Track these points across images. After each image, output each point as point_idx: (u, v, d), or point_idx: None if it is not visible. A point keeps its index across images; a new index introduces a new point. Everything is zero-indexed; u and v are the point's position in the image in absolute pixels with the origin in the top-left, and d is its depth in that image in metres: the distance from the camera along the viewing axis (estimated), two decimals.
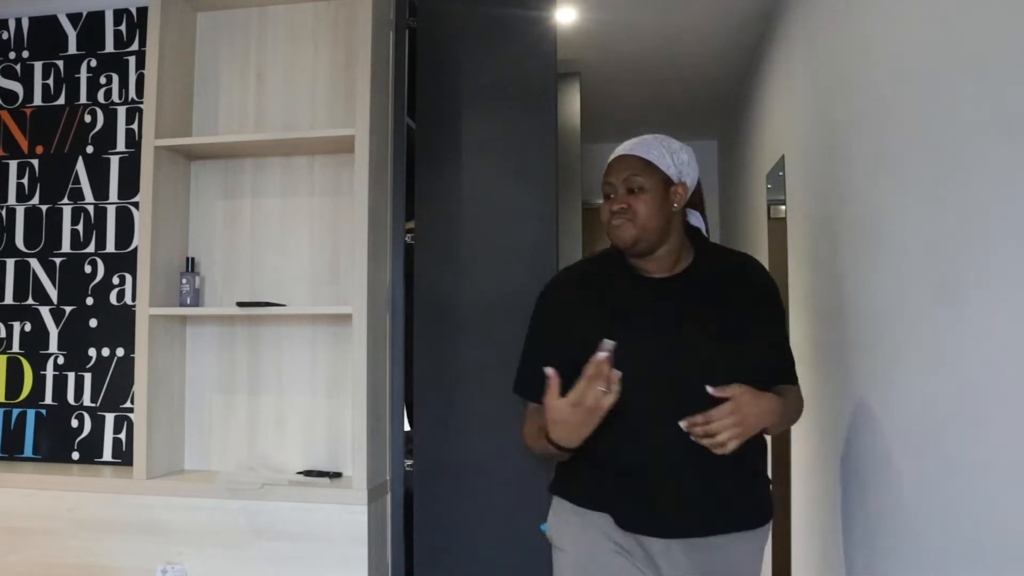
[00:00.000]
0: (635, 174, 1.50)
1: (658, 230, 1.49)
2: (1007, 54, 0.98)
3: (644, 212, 1.48)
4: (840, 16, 1.84)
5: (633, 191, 1.49)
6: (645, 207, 1.48)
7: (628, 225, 1.48)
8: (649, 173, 1.49)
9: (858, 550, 1.66)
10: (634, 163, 1.51)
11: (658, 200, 1.48)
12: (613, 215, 1.51)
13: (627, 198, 1.49)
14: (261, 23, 2.25)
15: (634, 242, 1.48)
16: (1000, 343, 1.00)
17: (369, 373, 1.98)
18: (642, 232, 1.48)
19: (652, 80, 3.44)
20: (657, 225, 1.48)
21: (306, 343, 2.15)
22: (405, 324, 2.13)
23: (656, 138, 1.54)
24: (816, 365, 2.11)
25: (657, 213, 1.48)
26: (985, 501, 1.04)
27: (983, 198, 1.05)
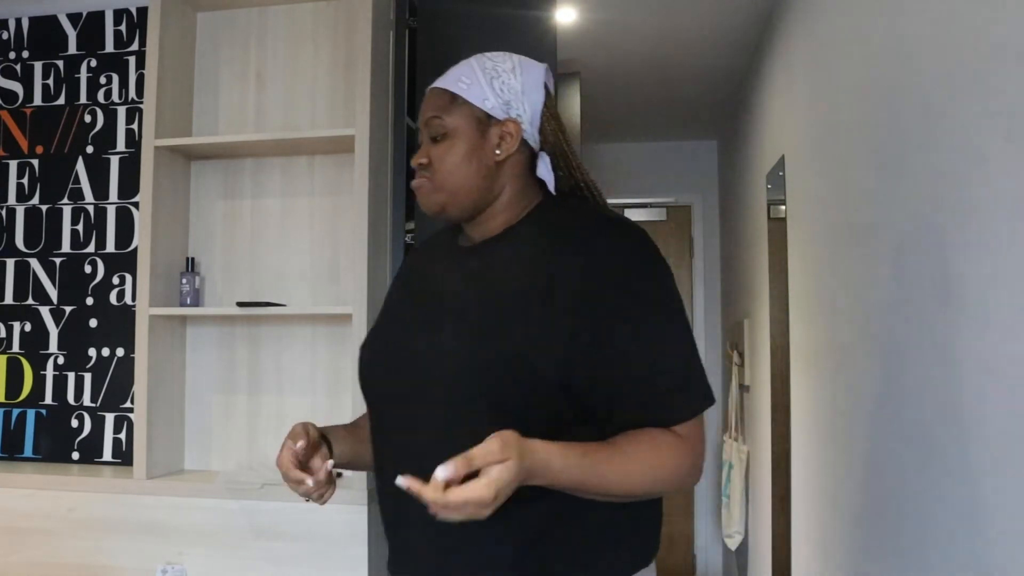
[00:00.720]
0: (436, 115, 1.11)
1: (471, 190, 1.09)
2: (1007, 54, 0.98)
3: (444, 167, 1.09)
4: (840, 16, 1.84)
5: (436, 139, 1.10)
6: (446, 160, 1.09)
7: (427, 186, 1.11)
8: (455, 111, 1.09)
9: (859, 550, 1.66)
10: (437, 99, 1.11)
11: (467, 148, 1.09)
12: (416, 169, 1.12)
13: (428, 149, 1.11)
14: (261, 23, 2.24)
15: (440, 208, 1.11)
16: (1000, 343, 1.00)
17: None
18: (447, 195, 1.10)
19: (652, 80, 3.44)
20: (466, 183, 1.09)
21: (306, 343, 2.15)
22: None
23: (476, 59, 1.13)
24: (816, 365, 2.11)
25: (464, 166, 1.09)
26: (985, 501, 1.04)
27: (983, 198, 1.05)
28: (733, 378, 3.52)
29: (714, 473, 4.29)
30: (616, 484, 0.97)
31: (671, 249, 4.48)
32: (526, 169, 1.13)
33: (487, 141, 1.10)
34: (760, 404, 2.93)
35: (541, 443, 0.91)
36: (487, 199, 1.11)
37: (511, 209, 1.12)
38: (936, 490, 1.21)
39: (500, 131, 1.10)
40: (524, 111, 1.11)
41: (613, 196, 4.47)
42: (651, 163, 4.49)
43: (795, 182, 2.40)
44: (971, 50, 1.09)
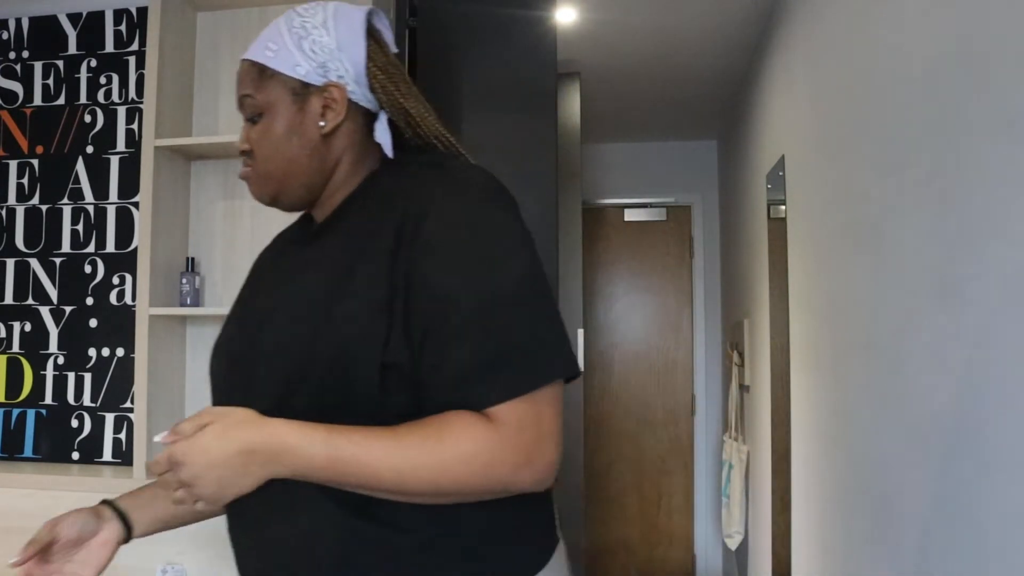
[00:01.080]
0: (247, 93, 0.96)
1: (299, 172, 0.95)
2: (1007, 54, 0.98)
3: (264, 151, 0.95)
4: (840, 16, 1.84)
5: (253, 120, 0.96)
6: (265, 143, 0.95)
7: (252, 175, 0.97)
8: (267, 86, 0.94)
9: (859, 551, 1.66)
10: (248, 74, 0.97)
11: (286, 126, 0.94)
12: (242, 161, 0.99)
13: (247, 132, 0.97)
14: (261, 23, 2.24)
15: (272, 198, 0.98)
16: (1000, 343, 1.00)
17: None
18: (276, 183, 0.96)
19: (652, 80, 3.44)
20: (292, 166, 0.94)
21: None
22: None
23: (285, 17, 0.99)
24: (816, 365, 2.11)
25: (286, 147, 0.94)
26: (986, 501, 1.04)
27: (983, 198, 1.05)
28: (733, 378, 3.52)
29: (714, 473, 4.29)
30: (390, 479, 0.79)
31: (671, 249, 4.48)
32: (364, 135, 0.98)
33: (308, 114, 0.94)
34: (760, 404, 2.93)
35: (282, 420, 0.82)
36: (321, 178, 0.96)
37: (350, 183, 0.98)
38: (936, 490, 1.21)
39: (321, 99, 0.94)
40: (346, 70, 0.94)
41: (613, 196, 4.48)
42: (651, 163, 4.49)
43: (795, 182, 2.40)
44: (971, 50, 1.09)
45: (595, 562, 4.32)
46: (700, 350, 4.40)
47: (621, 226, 4.52)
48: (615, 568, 4.35)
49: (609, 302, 4.47)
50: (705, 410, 4.37)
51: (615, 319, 4.46)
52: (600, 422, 4.39)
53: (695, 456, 4.36)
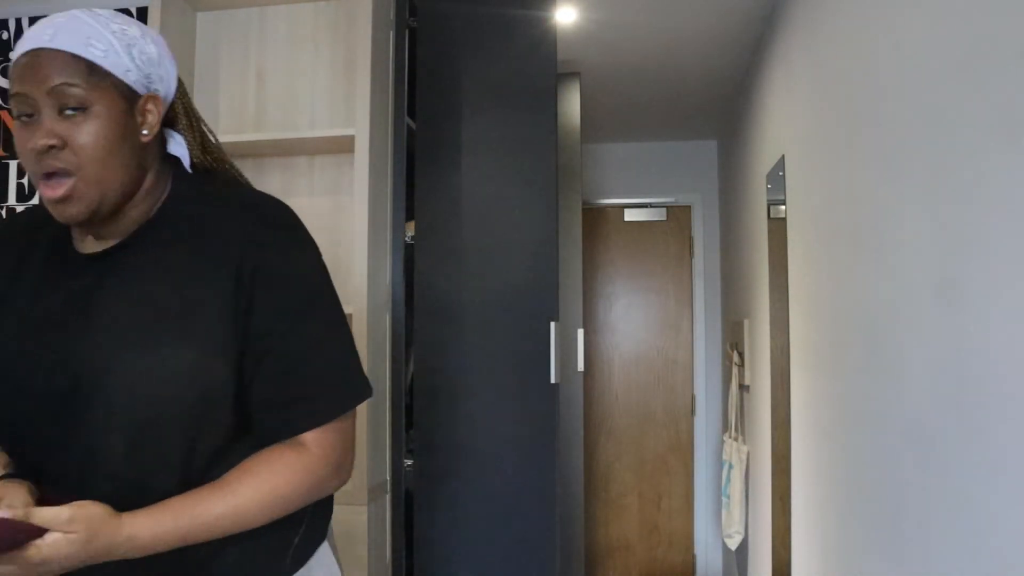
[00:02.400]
0: (70, 82, 0.86)
1: (123, 183, 0.91)
2: (1007, 54, 0.98)
3: (93, 155, 0.87)
4: (840, 16, 1.84)
5: (74, 111, 0.87)
6: (94, 138, 0.87)
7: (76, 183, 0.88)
8: (97, 84, 0.88)
9: (859, 550, 1.67)
10: (66, 64, 0.87)
11: (118, 131, 0.89)
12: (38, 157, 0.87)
13: (56, 125, 0.87)
14: (261, 23, 2.25)
15: (91, 211, 0.90)
16: (1000, 343, 1.00)
17: (369, 372, 1.97)
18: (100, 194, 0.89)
19: (652, 80, 3.44)
20: (119, 176, 0.90)
21: None
22: (405, 324, 2.13)
23: (91, 16, 0.90)
24: (815, 365, 2.11)
25: (117, 153, 0.89)
26: (986, 501, 1.04)
27: (983, 197, 1.05)
28: (733, 378, 3.52)
29: (714, 473, 4.29)
30: (232, 525, 0.91)
31: (671, 249, 4.48)
32: (160, 150, 0.98)
33: (133, 121, 0.92)
34: (760, 404, 2.93)
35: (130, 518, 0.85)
36: (132, 190, 0.93)
37: (148, 199, 0.96)
38: (936, 490, 1.21)
39: (143, 108, 0.93)
40: (161, 84, 0.96)
41: (613, 196, 4.48)
42: (651, 163, 4.49)
43: (795, 182, 2.40)
44: (971, 50, 1.09)
45: (595, 562, 4.33)
46: (700, 350, 4.40)
47: (621, 226, 4.52)
48: (615, 568, 4.35)
49: (609, 302, 4.47)
50: (705, 410, 4.37)
51: (615, 319, 4.46)
52: (600, 422, 4.39)
53: (695, 456, 4.36)
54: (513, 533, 2.03)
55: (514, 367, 2.02)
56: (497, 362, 2.00)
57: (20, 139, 0.89)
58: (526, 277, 2.04)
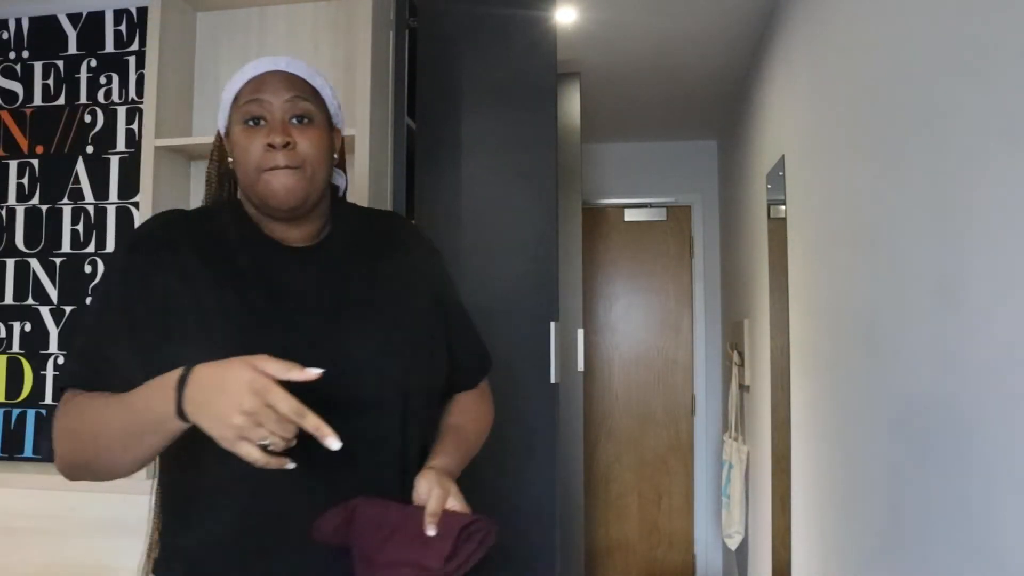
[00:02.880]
0: (303, 96, 1.07)
1: (324, 184, 1.09)
2: (1007, 54, 0.98)
3: (315, 154, 1.06)
4: (840, 16, 1.84)
5: (302, 121, 1.06)
6: (316, 148, 1.06)
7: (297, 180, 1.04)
8: (317, 104, 1.09)
9: (859, 550, 1.67)
10: (298, 84, 1.08)
11: (328, 144, 1.09)
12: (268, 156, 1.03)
13: (293, 130, 1.05)
14: (261, 23, 2.25)
15: (302, 201, 1.05)
16: (1000, 343, 1.00)
17: None
18: (313, 188, 1.06)
19: (652, 80, 3.44)
20: (324, 176, 1.09)
21: None
22: None
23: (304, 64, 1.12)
24: (815, 365, 2.11)
25: (327, 161, 1.09)
26: (985, 501, 1.04)
27: (983, 198, 1.05)
28: (733, 378, 3.52)
29: (714, 473, 4.29)
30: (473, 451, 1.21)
31: (671, 249, 4.48)
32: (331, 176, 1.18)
33: (331, 143, 1.12)
34: (760, 404, 2.93)
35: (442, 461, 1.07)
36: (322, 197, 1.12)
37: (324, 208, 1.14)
38: (936, 490, 1.21)
39: (337, 137, 1.16)
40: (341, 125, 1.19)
41: (613, 196, 4.48)
42: (651, 163, 4.49)
43: (795, 182, 2.40)
44: (971, 50, 1.09)
45: (595, 562, 4.33)
46: (700, 350, 4.40)
47: (621, 226, 4.52)
48: (615, 568, 4.35)
49: (609, 302, 4.47)
50: (705, 410, 4.37)
51: (615, 319, 4.46)
52: (600, 422, 4.39)
53: (695, 456, 4.36)
54: (514, 531, 2.03)
55: (514, 367, 2.02)
56: (497, 362, 2.00)
57: (249, 138, 1.05)
58: (526, 277, 2.04)
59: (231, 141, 1.10)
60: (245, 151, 1.05)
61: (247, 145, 1.05)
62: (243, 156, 1.05)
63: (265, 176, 1.04)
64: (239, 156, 1.07)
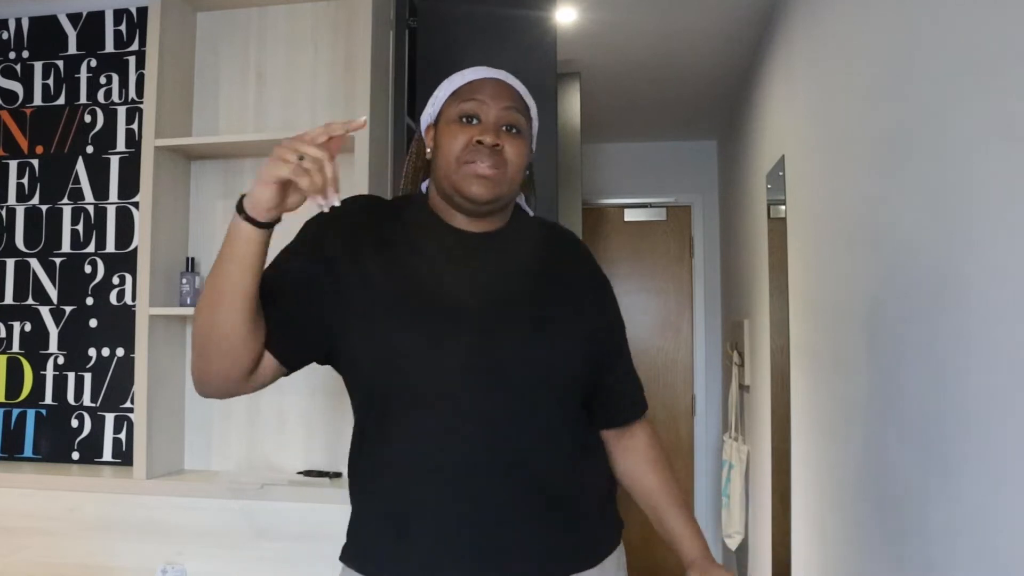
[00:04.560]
0: (517, 109, 1.13)
1: (515, 191, 1.16)
2: (1007, 55, 0.98)
3: (515, 163, 1.11)
4: (840, 16, 1.84)
5: (512, 130, 1.13)
6: (519, 157, 1.12)
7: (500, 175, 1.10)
8: (525, 119, 1.16)
9: (859, 551, 1.67)
10: (516, 97, 1.15)
11: (527, 155, 1.15)
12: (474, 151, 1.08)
13: (503, 137, 1.11)
14: (261, 23, 2.25)
15: (493, 199, 1.11)
16: (1000, 343, 1.00)
17: None
18: (506, 192, 1.12)
19: (652, 80, 3.44)
20: (516, 188, 1.15)
21: None
22: None
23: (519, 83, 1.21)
24: (815, 365, 2.11)
25: (522, 171, 1.14)
26: (986, 501, 1.04)
27: (983, 198, 1.05)
28: (733, 378, 3.52)
29: (714, 473, 4.29)
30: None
31: (671, 249, 4.48)
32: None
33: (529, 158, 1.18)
34: (760, 404, 2.93)
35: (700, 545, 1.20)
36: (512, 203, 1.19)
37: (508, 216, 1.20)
38: (936, 490, 1.21)
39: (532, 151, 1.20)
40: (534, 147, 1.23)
41: (613, 196, 4.48)
42: (651, 163, 4.49)
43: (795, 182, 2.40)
44: (971, 50, 1.09)
45: None
46: (700, 350, 4.40)
47: (621, 226, 4.52)
48: None
49: None
50: (705, 410, 4.37)
51: None
52: None
53: (695, 456, 4.36)
54: None
55: None
56: None
57: (459, 131, 1.10)
58: None
59: (439, 132, 1.14)
60: (453, 141, 1.10)
61: (456, 136, 1.10)
62: (449, 146, 1.10)
63: (467, 167, 1.09)
64: (445, 146, 1.11)
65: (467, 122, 1.11)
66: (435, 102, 1.18)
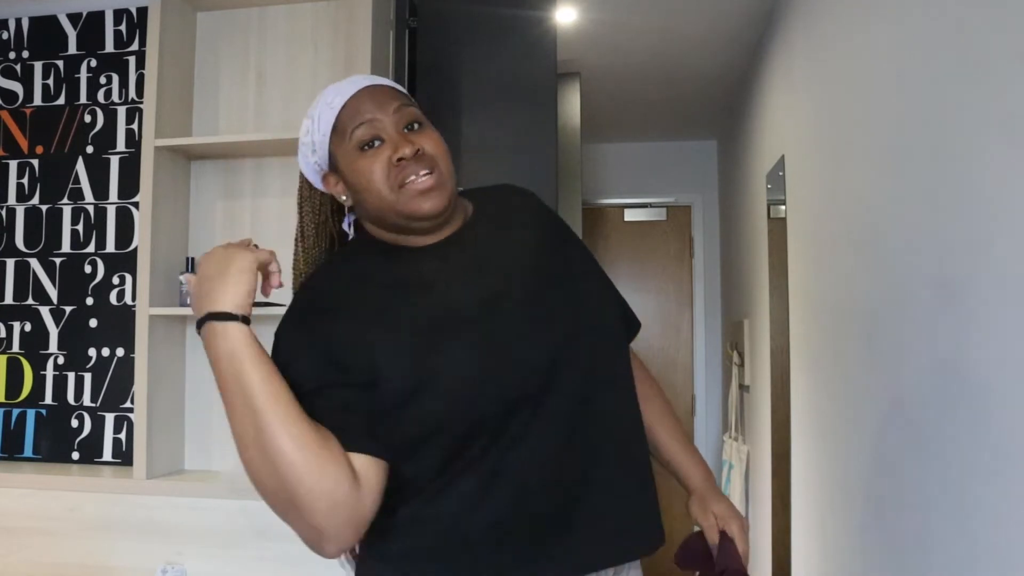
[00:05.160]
0: (405, 103, 1.04)
1: (455, 181, 1.06)
2: (1007, 54, 0.98)
3: (442, 153, 1.03)
4: (840, 16, 1.84)
5: (415, 126, 1.03)
6: (439, 144, 1.04)
7: (439, 182, 1.01)
8: (416, 107, 1.07)
9: (859, 551, 1.66)
10: (394, 92, 1.05)
11: (443, 140, 1.06)
12: (402, 166, 0.99)
13: (409, 137, 1.01)
14: (261, 23, 2.25)
15: (447, 204, 1.02)
16: (1000, 342, 1.00)
17: None
18: (451, 188, 1.03)
19: (652, 80, 3.44)
20: (453, 173, 1.05)
21: None
22: None
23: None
24: (815, 365, 2.11)
25: (449, 157, 1.05)
26: (986, 500, 1.04)
27: (983, 198, 1.05)
28: (733, 378, 3.52)
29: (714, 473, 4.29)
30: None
31: (671, 249, 4.48)
32: None
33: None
34: (760, 404, 2.93)
35: (704, 476, 1.26)
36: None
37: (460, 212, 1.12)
38: (936, 490, 1.21)
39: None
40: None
41: (613, 196, 4.48)
42: (651, 163, 4.49)
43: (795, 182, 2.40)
44: (971, 50, 1.09)
45: None
46: (700, 350, 4.40)
47: (621, 226, 4.52)
48: None
49: None
50: (705, 410, 4.37)
51: None
52: None
53: None
54: None
55: None
56: None
57: (371, 161, 1.00)
58: None
59: (346, 173, 1.03)
60: (371, 176, 0.99)
61: (374, 168, 0.99)
62: (369, 182, 1.00)
63: (406, 191, 0.99)
64: (364, 184, 1.00)
65: (370, 148, 1.00)
66: (315, 148, 1.05)
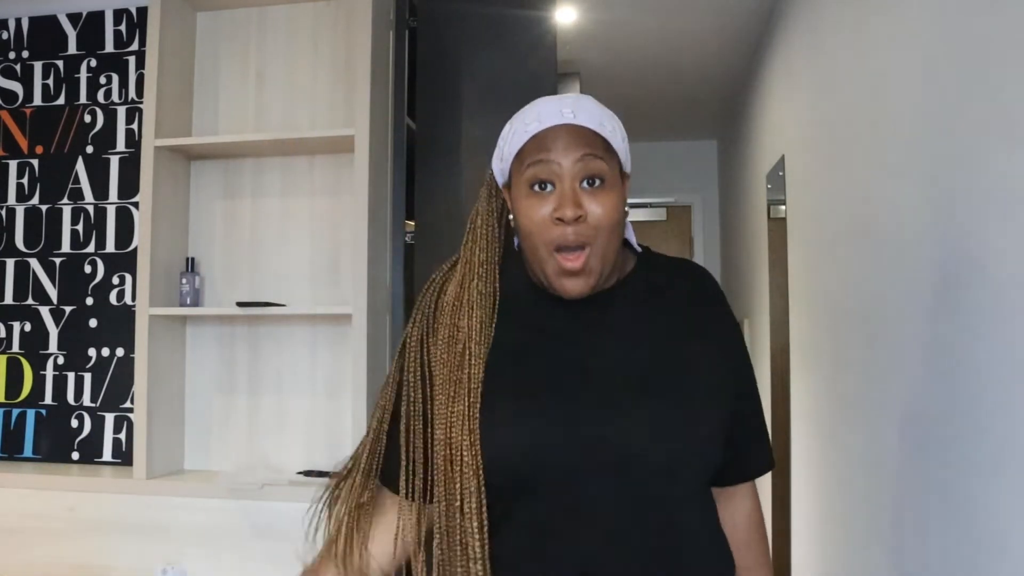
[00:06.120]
0: (595, 154, 0.93)
1: (615, 255, 0.96)
2: (1007, 54, 0.98)
3: (608, 222, 0.92)
4: (840, 16, 1.84)
5: (593, 183, 0.93)
6: (609, 215, 0.92)
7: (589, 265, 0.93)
8: (609, 160, 0.94)
9: (859, 551, 1.66)
10: (589, 138, 0.93)
11: (620, 203, 0.94)
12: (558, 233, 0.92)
13: (583, 196, 0.92)
14: (261, 23, 2.24)
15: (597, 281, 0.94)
16: (1000, 342, 1.00)
17: (369, 373, 1.97)
18: (605, 264, 0.94)
19: (652, 80, 3.44)
20: (616, 245, 0.95)
21: (306, 343, 2.15)
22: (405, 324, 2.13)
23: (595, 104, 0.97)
24: (816, 365, 2.11)
25: (619, 224, 0.94)
26: (986, 500, 1.04)
27: (983, 198, 1.05)
28: None
29: None
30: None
31: (671, 249, 4.48)
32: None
33: (624, 198, 0.97)
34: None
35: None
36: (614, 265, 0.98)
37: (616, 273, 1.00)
38: (936, 489, 1.21)
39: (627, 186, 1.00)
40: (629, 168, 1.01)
41: None
42: (651, 163, 4.49)
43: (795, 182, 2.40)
44: (971, 50, 1.09)
45: None
46: None
47: None
48: None
49: None
50: None
51: None
52: None
53: None
54: None
55: None
56: None
57: (535, 207, 0.93)
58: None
59: (514, 199, 0.98)
60: (531, 220, 0.94)
61: (533, 214, 0.93)
62: (529, 225, 0.94)
63: (554, 259, 0.93)
64: (524, 223, 0.95)
65: (541, 189, 0.93)
66: (502, 156, 1.01)
